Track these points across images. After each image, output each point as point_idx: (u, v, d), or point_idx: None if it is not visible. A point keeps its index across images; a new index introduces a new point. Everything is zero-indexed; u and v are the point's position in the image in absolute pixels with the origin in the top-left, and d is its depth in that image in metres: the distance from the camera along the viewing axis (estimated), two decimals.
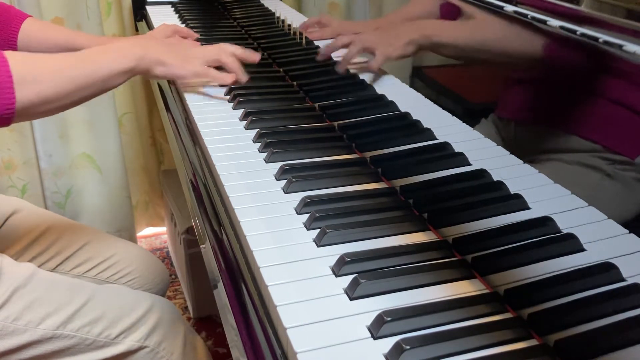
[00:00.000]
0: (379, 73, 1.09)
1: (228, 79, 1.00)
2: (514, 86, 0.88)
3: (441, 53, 1.03)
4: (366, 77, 1.08)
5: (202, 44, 1.25)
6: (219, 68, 1.01)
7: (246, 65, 1.04)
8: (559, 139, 0.76)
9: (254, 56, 1.05)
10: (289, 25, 1.38)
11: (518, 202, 0.68)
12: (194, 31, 1.34)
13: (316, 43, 1.28)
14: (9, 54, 0.76)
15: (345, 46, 1.07)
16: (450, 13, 1.01)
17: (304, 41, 1.28)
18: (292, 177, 0.73)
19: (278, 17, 1.47)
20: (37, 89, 0.77)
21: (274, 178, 0.76)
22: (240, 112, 0.94)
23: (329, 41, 1.21)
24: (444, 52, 1.02)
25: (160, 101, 1.12)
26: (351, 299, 0.54)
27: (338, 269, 0.58)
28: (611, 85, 0.70)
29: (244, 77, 1.02)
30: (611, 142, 0.68)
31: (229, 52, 1.01)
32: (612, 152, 0.68)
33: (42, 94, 0.77)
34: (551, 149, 0.77)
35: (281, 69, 1.14)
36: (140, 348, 0.91)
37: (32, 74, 0.77)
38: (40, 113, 0.80)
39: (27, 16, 1.08)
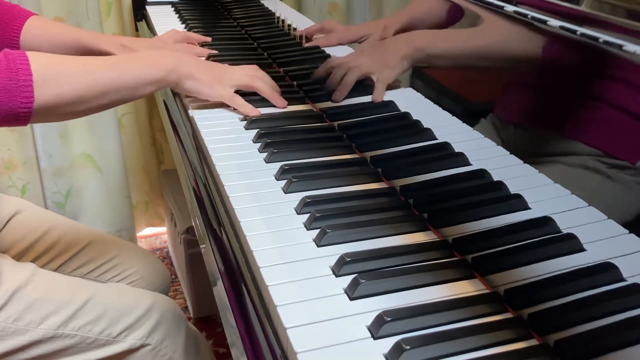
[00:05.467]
0: None
1: (252, 112, 0.92)
2: (514, 88, 0.88)
3: (437, 64, 1.02)
4: None
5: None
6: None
7: (247, 64, 1.03)
8: (558, 142, 0.76)
9: (281, 101, 0.96)
10: (289, 25, 1.38)
11: (518, 202, 0.68)
12: (194, 32, 1.34)
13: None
14: (31, 54, 0.75)
15: (343, 76, 1.02)
16: (454, 15, 1.01)
17: (304, 41, 1.28)
18: (292, 177, 0.73)
19: (278, 17, 1.47)
20: (58, 90, 0.76)
21: (274, 178, 0.76)
22: (240, 112, 0.94)
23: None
24: (440, 63, 1.01)
25: (160, 101, 1.12)
26: (351, 299, 0.54)
27: (338, 269, 0.58)
28: (611, 89, 0.70)
29: (281, 103, 0.96)
30: (611, 147, 0.68)
31: (262, 78, 0.97)
32: (612, 156, 0.68)
33: (62, 95, 0.76)
34: (550, 151, 0.77)
35: (281, 69, 1.14)
36: (142, 346, 0.91)
37: (54, 74, 0.76)
38: (62, 115, 0.79)
39: (31, 14, 1.07)
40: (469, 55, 0.92)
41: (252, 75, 0.96)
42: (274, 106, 0.96)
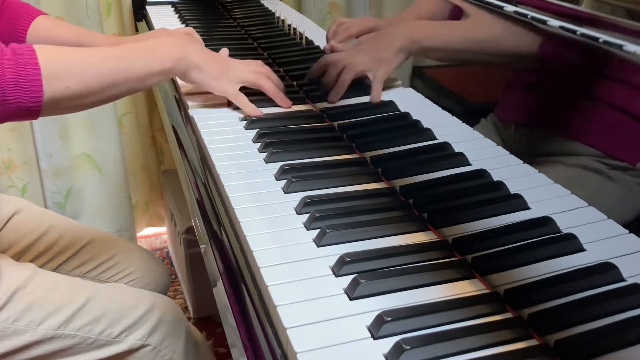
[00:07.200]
0: None
1: (254, 112, 0.92)
2: (514, 88, 0.88)
3: (433, 57, 1.00)
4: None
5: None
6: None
7: None
8: (559, 143, 0.76)
9: (285, 101, 0.96)
10: (289, 25, 1.38)
11: (518, 202, 0.68)
12: None
13: (316, 44, 1.28)
14: (38, 48, 0.75)
15: (339, 75, 1.00)
16: (457, 15, 1.00)
17: (304, 41, 1.28)
18: (292, 177, 0.73)
19: (278, 17, 1.47)
20: (66, 84, 0.75)
21: (274, 178, 0.76)
22: (240, 112, 0.94)
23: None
24: (436, 56, 0.98)
25: (160, 101, 1.12)
26: (351, 299, 0.54)
27: (338, 269, 0.58)
28: (612, 89, 0.70)
29: (286, 103, 0.96)
30: (611, 148, 0.68)
31: (269, 77, 0.96)
32: (612, 157, 0.68)
33: (71, 88, 0.76)
34: (551, 151, 0.77)
35: (281, 69, 1.15)
36: (142, 346, 0.91)
37: (62, 67, 0.75)
38: (71, 107, 0.79)
39: (39, 13, 1.06)
40: (466, 49, 0.91)
41: (258, 73, 0.95)
42: (277, 106, 0.96)
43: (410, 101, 0.98)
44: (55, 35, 1.05)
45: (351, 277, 0.56)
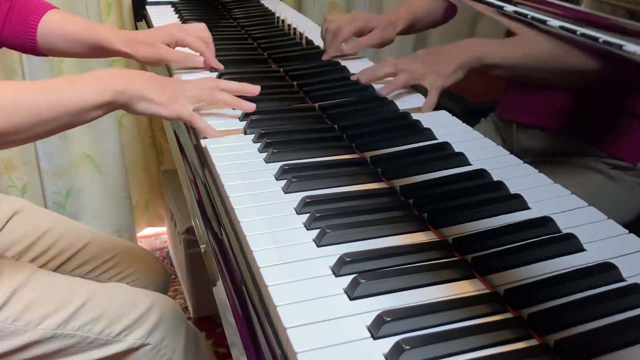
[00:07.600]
0: None
1: (211, 134, 0.87)
2: (515, 88, 0.88)
3: (491, 73, 0.98)
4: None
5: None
6: None
7: (247, 64, 1.02)
8: (559, 142, 0.76)
9: (252, 88, 0.93)
10: (289, 25, 1.38)
11: (518, 202, 0.68)
12: None
13: (317, 44, 1.28)
14: None
15: (389, 75, 1.00)
16: (451, 14, 1.00)
17: (304, 41, 1.28)
18: (292, 177, 0.73)
19: (278, 17, 1.47)
20: None
21: (274, 178, 0.76)
22: (240, 112, 0.94)
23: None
24: (495, 73, 0.97)
25: None
26: (351, 299, 0.54)
27: (338, 269, 0.58)
28: (613, 89, 0.70)
29: (248, 105, 0.91)
30: (612, 148, 0.68)
31: (223, 88, 0.91)
32: (613, 157, 0.68)
33: None
34: (551, 151, 0.77)
35: (281, 69, 1.15)
36: (142, 345, 0.91)
37: None
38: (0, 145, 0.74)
39: (50, 7, 1.04)
40: (527, 65, 0.89)
41: (211, 89, 0.89)
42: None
43: (410, 101, 0.98)
44: (65, 29, 1.04)
45: (351, 277, 0.56)
